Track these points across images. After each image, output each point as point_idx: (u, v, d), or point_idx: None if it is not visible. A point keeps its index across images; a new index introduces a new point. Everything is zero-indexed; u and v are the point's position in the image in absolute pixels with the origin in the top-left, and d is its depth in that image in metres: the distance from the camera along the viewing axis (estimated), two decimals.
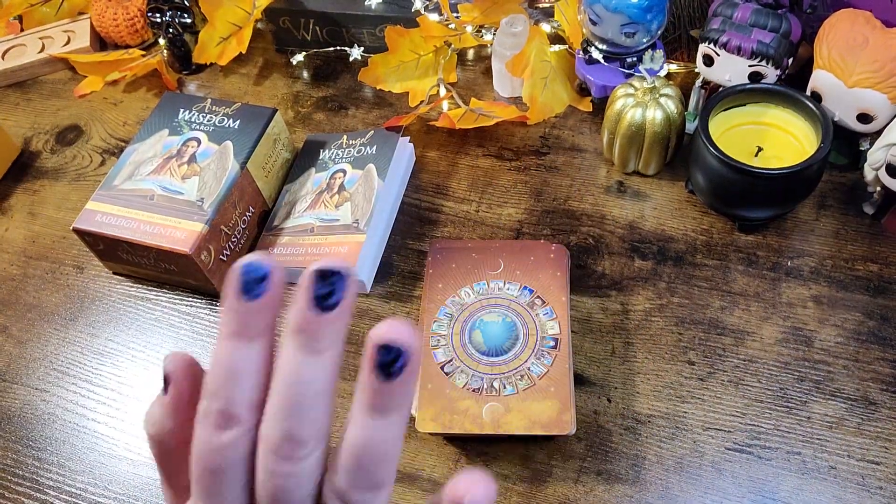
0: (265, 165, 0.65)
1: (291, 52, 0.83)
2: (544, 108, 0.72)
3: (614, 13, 0.63)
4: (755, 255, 0.61)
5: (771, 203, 0.58)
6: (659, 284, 0.60)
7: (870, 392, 0.53)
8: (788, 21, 0.60)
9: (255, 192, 0.65)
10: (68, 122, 0.80)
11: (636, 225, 0.64)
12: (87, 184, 0.74)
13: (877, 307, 0.57)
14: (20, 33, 0.88)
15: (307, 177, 0.68)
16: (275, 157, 0.67)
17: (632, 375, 0.55)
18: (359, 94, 0.78)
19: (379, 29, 0.78)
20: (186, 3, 0.81)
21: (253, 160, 0.63)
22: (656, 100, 0.61)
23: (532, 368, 0.53)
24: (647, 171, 0.66)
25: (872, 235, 0.61)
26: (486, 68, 0.78)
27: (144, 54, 0.82)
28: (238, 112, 0.66)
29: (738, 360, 0.55)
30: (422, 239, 0.65)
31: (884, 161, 0.56)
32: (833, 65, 0.58)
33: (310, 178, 0.68)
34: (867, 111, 0.58)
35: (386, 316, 0.60)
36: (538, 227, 0.65)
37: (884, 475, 0.49)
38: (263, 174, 0.65)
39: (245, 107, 0.67)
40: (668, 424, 0.53)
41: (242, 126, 0.65)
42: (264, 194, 0.66)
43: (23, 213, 0.72)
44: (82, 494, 0.54)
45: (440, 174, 0.70)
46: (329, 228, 0.62)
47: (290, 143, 0.69)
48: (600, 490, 0.50)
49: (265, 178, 0.66)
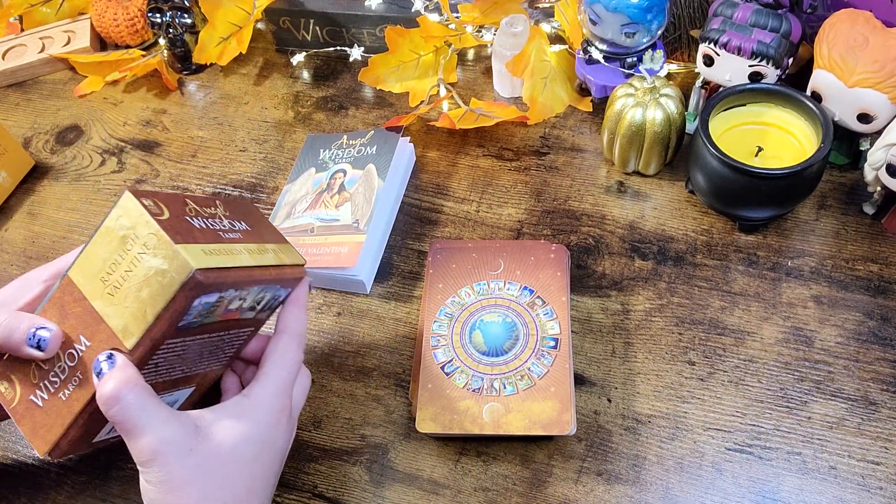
0: (106, 278, 0.42)
1: (291, 52, 0.83)
2: (544, 108, 0.72)
3: (614, 13, 0.63)
4: (755, 255, 0.61)
5: (771, 203, 0.58)
6: (659, 284, 0.60)
7: (870, 392, 0.53)
8: (789, 21, 0.60)
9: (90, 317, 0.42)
10: (68, 122, 0.80)
11: (636, 225, 0.64)
12: (87, 184, 0.74)
13: (877, 307, 0.57)
14: (20, 33, 0.88)
15: (307, 177, 0.68)
16: (126, 264, 0.41)
17: (632, 375, 0.55)
18: (359, 94, 0.78)
19: (379, 29, 0.78)
20: (186, 3, 0.81)
21: (80, 266, 0.43)
22: (656, 100, 0.61)
23: (532, 368, 0.53)
24: (648, 171, 0.66)
25: (872, 235, 0.61)
26: (486, 68, 0.78)
27: (144, 54, 0.82)
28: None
29: (738, 361, 0.55)
30: (422, 239, 0.65)
31: (884, 161, 0.56)
32: (833, 65, 0.58)
33: (310, 178, 0.68)
34: (867, 111, 0.58)
35: (386, 316, 0.60)
36: (538, 227, 0.65)
37: (884, 475, 0.49)
38: (104, 290, 0.42)
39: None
40: (669, 425, 0.53)
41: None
42: (109, 323, 0.41)
43: (23, 213, 0.72)
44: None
45: (440, 174, 0.70)
46: (329, 228, 0.62)
47: (164, 245, 0.40)
48: (600, 490, 0.50)
49: (110, 297, 0.41)
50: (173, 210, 0.43)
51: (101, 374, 0.40)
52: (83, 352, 0.42)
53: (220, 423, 0.43)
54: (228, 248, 0.44)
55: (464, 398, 0.52)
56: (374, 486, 0.52)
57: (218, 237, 0.44)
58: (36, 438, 0.43)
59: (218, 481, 0.41)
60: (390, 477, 0.52)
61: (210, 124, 0.78)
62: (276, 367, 0.46)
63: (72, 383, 0.43)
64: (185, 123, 0.78)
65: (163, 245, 0.40)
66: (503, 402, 0.52)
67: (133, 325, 0.41)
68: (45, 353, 0.42)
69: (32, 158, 0.76)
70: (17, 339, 0.42)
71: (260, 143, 0.75)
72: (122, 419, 0.40)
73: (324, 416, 0.55)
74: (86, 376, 0.42)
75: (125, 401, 0.39)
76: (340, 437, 0.54)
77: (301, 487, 0.52)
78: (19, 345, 0.42)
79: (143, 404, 0.40)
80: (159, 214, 0.42)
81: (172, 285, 0.40)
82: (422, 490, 0.51)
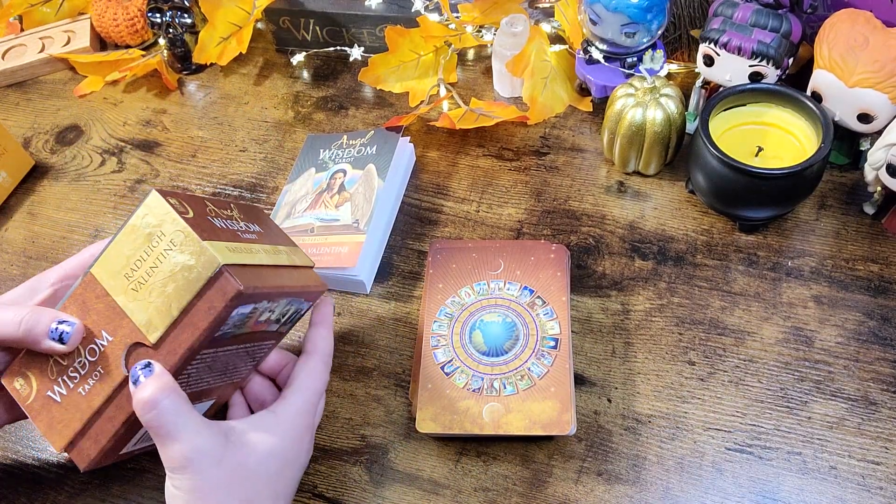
0: (130, 274, 0.43)
1: (291, 52, 0.83)
2: (544, 108, 0.72)
3: (614, 13, 0.63)
4: (755, 255, 0.61)
5: (771, 203, 0.58)
6: (659, 284, 0.60)
7: (870, 392, 0.53)
8: (789, 21, 0.60)
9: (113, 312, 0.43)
10: (68, 122, 0.80)
11: (636, 225, 0.64)
12: (87, 184, 0.74)
13: (877, 307, 0.57)
14: (20, 33, 0.88)
15: (307, 177, 0.68)
16: (151, 261, 0.42)
17: (632, 375, 0.55)
18: (359, 94, 0.78)
19: (379, 29, 0.78)
20: (186, 3, 0.81)
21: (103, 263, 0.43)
22: (656, 100, 0.61)
23: (532, 368, 0.53)
24: (648, 171, 0.66)
25: (873, 235, 0.61)
26: (486, 68, 0.78)
27: (144, 54, 0.82)
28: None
29: (738, 361, 0.55)
30: (422, 239, 0.65)
31: (884, 161, 0.56)
32: (833, 65, 0.58)
33: (310, 178, 0.68)
34: (867, 111, 0.58)
35: (386, 316, 0.60)
36: (538, 227, 0.65)
37: (884, 475, 0.49)
38: (128, 286, 0.43)
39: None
40: (669, 425, 0.53)
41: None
42: (133, 318, 0.42)
43: (23, 213, 0.72)
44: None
45: (440, 174, 0.70)
46: (329, 228, 0.62)
47: (192, 242, 0.42)
48: (600, 490, 0.50)
49: (133, 293, 0.42)
50: (196, 210, 0.44)
51: (138, 381, 0.40)
52: (105, 346, 0.43)
53: (249, 435, 0.43)
54: (247, 247, 0.45)
55: (464, 398, 0.52)
56: (374, 486, 0.52)
57: (237, 237, 0.45)
58: (52, 434, 0.44)
59: (244, 493, 0.42)
60: (390, 477, 0.52)
61: (210, 124, 0.78)
62: (303, 387, 0.47)
63: (92, 377, 0.43)
64: (185, 123, 0.78)
65: (190, 241, 0.41)
66: (503, 402, 0.52)
67: (157, 320, 0.42)
68: (67, 346, 0.43)
69: (32, 158, 0.76)
70: (39, 332, 0.43)
71: (260, 143, 0.75)
72: (157, 424, 0.40)
73: (324, 416, 0.55)
74: (107, 370, 0.43)
75: (161, 406, 0.40)
76: (340, 437, 0.54)
77: (301, 487, 0.52)
78: (40, 338, 0.43)
79: (178, 410, 0.40)
80: (185, 213, 0.43)
81: (199, 280, 0.41)
82: (422, 490, 0.51)
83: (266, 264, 0.45)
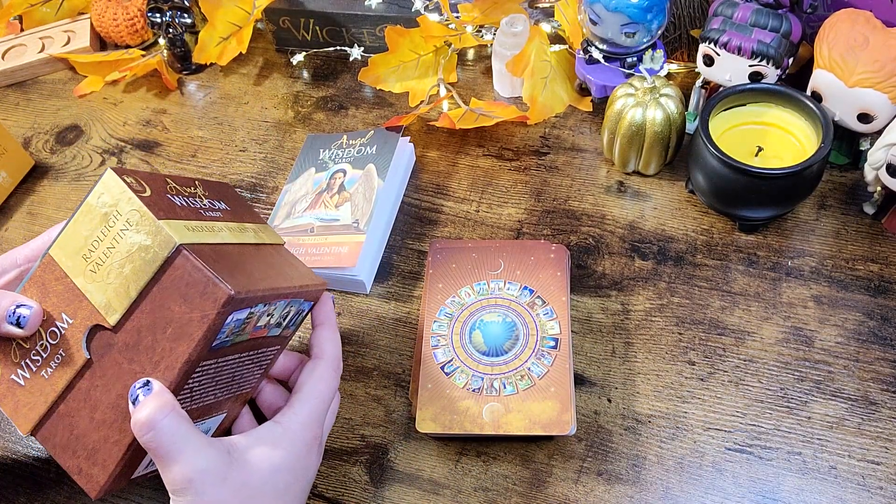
0: (88, 255, 0.42)
1: (291, 52, 0.83)
2: (544, 108, 0.72)
3: (614, 13, 0.63)
4: (755, 255, 0.61)
5: (771, 203, 0.58)
6: (659, 284, 0.60)
7: (870, 392, 0.53)
8: (789, 21, 0.60)
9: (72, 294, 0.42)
10: (68, 122, 0.80)
11: (636, 225, 0.64)
12: (87, 184, 0.74)
13: (877, 307, 0.57)
14: (20, 33, 0.88)
15: (307, 177, 0.68)
16: (108, 241, 0.41)
17: (632, 375, 0.55)
18: (359, 94, 0.78)
19: (379, 29, 0.78)
20: (186, 3, 0.81)
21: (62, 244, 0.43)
22: (656, 100, 0.61)
23: (532, 368, 0.53)
24: (648, 171, 0.66)
25: (873, 235, 0.61)
26: (486, 68, 0.78)
27: (144, 54, 0.82)
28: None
29: (738, 360, 0.55)
30: (422, 239, 0.65)
31: (884, 161, 0.56)
32: (833, 65, 0.58)
33: (310, 178, 0.68)
34: (867, 111, 0.58)
35: (386, 316, 0.60)
36: (538, 227, 0.65)
37: (884, 475, 0.49)
38: (86, 268, 0.42)
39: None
40: (669, 424, 0.53)
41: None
42: (92, 300, 0.41)
43: (22, 213, 0.72)
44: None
45: (440, 174, 0.70)
46: (329, 228, 0.62)
47: (148, 221, 0.41)
48: (600, 490, 0.50)
49: (92, 274, 0.41)
50: (154, 188, 0.43)
51: (137, 401, 0.39)
52: (65, 329, 0.42)
53: (253, 451, 0.42)
54: (209, 225, 0.44)
55: (464, 398, 0.52)
56: (374, 486, 0.52)
57: (199, 215, 0.44)
58: (18, 417, 0.43)
59: None
60: (390, 477, 0.52)
61: (210, 124, 0.78)
62: (310, 395, 0.45)
63: (54, 361, 0.42)
64: (185, 123, 0.78)
65: (146, 221, 0.40)
66: (503, 402, 0.52)
67: (116, 302, 0.41)
68: (25, 330, 0.42)
69: (32, 158, 0.76)
70: None
71: (260, 143, 0.75)
72: (155, 446, 0.39)
73: None
74: (69, 354, 0.42)
75: (159, 427, 0.38)
76: (340, 437, 0.54)
77: None
78: None
79: (177, 431, 0.39)
80: (141, 191, 0.41)
81: (156, 260, 0.40)
82: (422, 490, 0.51)
83: (229, 242, 0.43)
